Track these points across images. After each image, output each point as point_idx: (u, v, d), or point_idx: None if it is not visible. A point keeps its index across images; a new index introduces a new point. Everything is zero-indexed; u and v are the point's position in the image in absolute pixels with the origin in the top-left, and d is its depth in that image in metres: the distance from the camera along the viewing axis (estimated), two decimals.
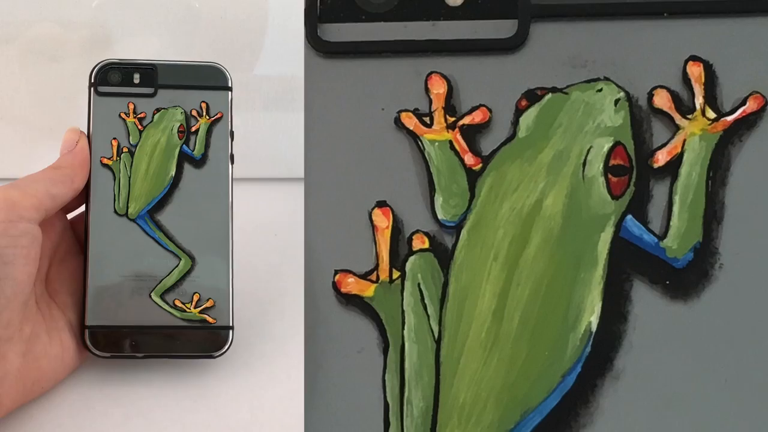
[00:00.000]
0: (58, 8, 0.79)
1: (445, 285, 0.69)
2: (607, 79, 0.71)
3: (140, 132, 0.67)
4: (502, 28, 0.72)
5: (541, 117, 0.70)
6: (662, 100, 0.71)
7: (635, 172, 0.69)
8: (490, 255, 0.69)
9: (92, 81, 0.68)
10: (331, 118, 0.72)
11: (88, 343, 0.66)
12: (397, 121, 0.72)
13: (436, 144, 0.71)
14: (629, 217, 0.69)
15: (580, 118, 0.70)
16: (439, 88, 0.72)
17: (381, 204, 0.71)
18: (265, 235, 0.74)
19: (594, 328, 0.68)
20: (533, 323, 0.68)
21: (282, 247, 0.73)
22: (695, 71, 0.71)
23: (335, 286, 0.70)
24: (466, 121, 0.71)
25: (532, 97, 0.71)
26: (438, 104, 0.72)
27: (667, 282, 0.69)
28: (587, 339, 0.68)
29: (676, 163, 0.70)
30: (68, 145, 0.67)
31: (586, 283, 0.68)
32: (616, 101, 0.70)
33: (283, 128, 0.75)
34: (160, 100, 0.68)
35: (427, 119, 0.71)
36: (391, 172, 0.71)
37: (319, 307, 0.70)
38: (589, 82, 0.71)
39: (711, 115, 0.70)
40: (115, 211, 0.67)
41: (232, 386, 0.67)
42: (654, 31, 0.72)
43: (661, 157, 0.70)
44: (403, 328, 0.69)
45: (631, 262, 0.69)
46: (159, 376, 0.68)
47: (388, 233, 0.70)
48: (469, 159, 0.71)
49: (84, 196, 0.68)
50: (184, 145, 0.68)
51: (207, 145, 0.68)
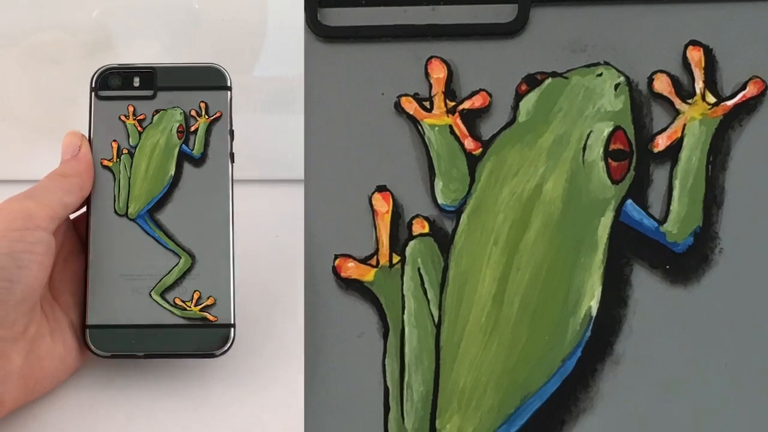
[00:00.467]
0: (60, 12, 0.79)
1: (445, 270, 0.69)
2: (607, 64, 0.71)
3: (140, 133, 0.67)
4: (502, 13, 0.71)
5: (541, 102, 0.70)
6: (662, 85, 0.70)
7: (635, 157, 0.69)
8: (490, 240, 0.68)
9: (93, 86, 0.68)
10: (331, 103, 0.71)
11: (89, 342, 0.65)
12: (397, 106, 0.71)
13: (436, 128, 0.70)
14: (629, 201, 0.69)
15: (580, 103, 0.69)
16: (439, 73, 0.71)
17: (381, 188, 0.70)
18: (267, 236, 0.73)
19: (594, 312, 0.67)
20: (533, 308, 0.67)
21: (284, 248, 0.72)
22: (695, 56, 0.70)
23: (335, 271, 0.69)
24: (466, 105, 0.71)
25: (532, 81, 0.70)
26: (438, 89, 0.71)
27: (667, 266, 0.68)
28: (587, 323, 0.67)
29: (676, 147, 0.69)
30: (70, 149, 0.67)
31: (586, 267, 0.68)
32: (616, 86, 0.70)
33: (284, 129, 0.75)
34: (159, 102, 0.68)
35: (427, 104, 0.71)
36: (391, 156, 0.70)
37: (319, 292, 0.69)
38: (589, 66, 0.71)
39: (711, 99, 0.70)
40: (116, 212, 0.67)
41: (235, 387, 0.67)
42: (654, 15, 0.71)
43: (661, 142, 0.69)
44: (403, 313, 0.68)
45: (631, 247, 0.68)
46: (162, 377, 0.67)
47: (388, 218, 0.70)
48: (469, 143, 0.70)
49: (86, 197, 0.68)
50: (184, 145, 0.67)
51: (206, 144, 0.67)
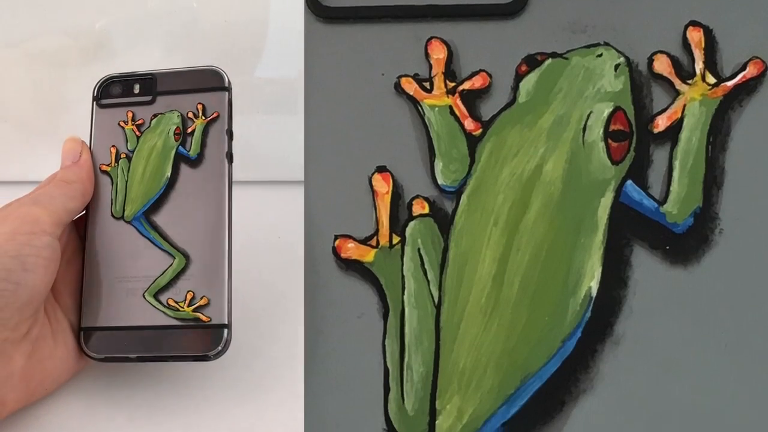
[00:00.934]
0: (63, 16, 0.78)
1: (445, 250, 0.68)
2: (607, 45, 0.70)
3: (138, 138, 0.67)
4: None
5: (541, 82, 0.69)
6: (662, 65, 0.69)
7: (635, 137, 0.68)
8: (490, 220, 0.68)
9: (95, 95, 0.68)
10: (331, 84, 0.71)
11: (83, 345, 0.64)
12: (397, 87, 0.70)
13: (436, 109, 0.70)
14: (629, 182, 0.68)
15: (580, 84, 0.69)
16: (439, 54, 0.71)
17: (381, 169, 0.70)
18: (269, 238, 0.73)
19: (594, 293, 0.67)
20: (533, 288, 0.67)
21: (286, 249, 0.72)
22: (695, 36, 0.70)
23: (335, 251, 0.69)
24: (466, 86, 0.70)
25: (532, 62, 0.70)
26: (438, 69, 0.70)
27: (667, 247, 0.68)
28: (587, 304, 0.67)
29: (676, 128, 0.69)
30: (71, 155, 0.66)
31: (586, 248, 0.67)
32: (616, 66, 0.69)
33: (287, 131, 0.74)
34: (158, 107, 0.67)
35: (427, 84, 0.70)
36: (391, 137, 0.70)
37: (319, 273, 0.69)
38: (589, 47, 0.70)
39: (711, 80, 0.69)
40: (112, 215, 0.66)
41: (236, 388, 0.66)
42: None
43: (661, 122, 0.69)
44: (403, 293, 0.68)
45: (631, 228, 0.68)
46: (163, 378, 0.67)
47: (388, 198, 0.69)
48: (469, 124, 0.69)
49: None
50: (180, 146, 0.66)
51: (203, 145, 0.66)
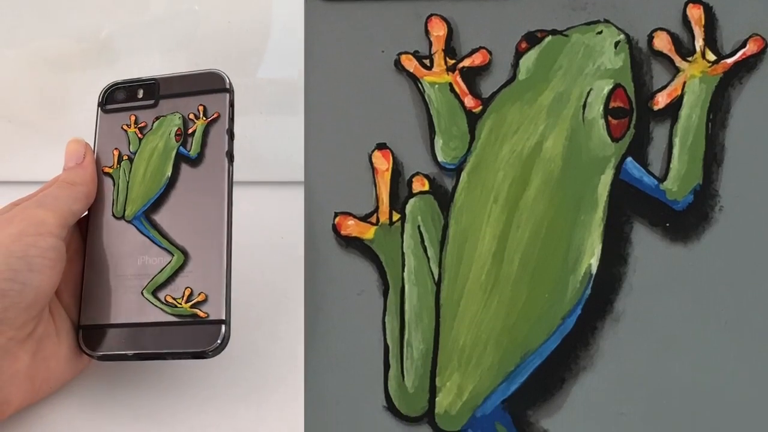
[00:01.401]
0: (67, 19, 0.78)
1: (445, 227, 0.67)
2: (607, 22, 0.69)
3: (140, 140, 0.66)
4: None
5: (541, 59, 0.69)
6: (662, 43, 0.69)
7: (635, 115, 0.68)
8: (490, 197, 0.67)
9: (100, 101, 0.68)
10: (331, 61, 0.70)
11: (81, 342, 0.64)
12: (397, 64, 0.70)
13: (436, 86, 0.69)
14: (629, 159, 0.67)
15: (580, 61, 0.68)
16: (439, 31, 0.70)
17: (381, 146, 0.69)
18: (272, 238, 0.72)
19: (594, 270, 0.66)
20: (533, 265, 0.66)
21: (288, 249, 0.71)
22: (695, 13, 0.69)
23: (335, 229, 0.68)
24: (466, 63, 0.69)
25: (532, 39, 0.69)
26: (438, 47, 0.70)
27: (667, 224, 0.67)
28: (587, 281, 0.66)
29: (676, 105, 0.68)
30: (75, 157, 0.66)
31: (586, 225, 0.67)
32: (616, 44, 0.68)
33: (289, 131, 0.74)
34: (160, 110, 0.67)
35: (427, 61, 0.70)
36: (391, 114, 0.69)
37: (319, 250, 0.68)
38: (589, 24, 0.69)
39: (711, 57, 0.68)
40: (113, 215, 0.66)
41: (240, 387, 0.66)
42: None
43: (661, 100, 0.68)
44: (403, 271, 0.67)
45: (631, 205, 0.67)
46: (168, 377, 0.66)
47: (388, 175, 0.68)
48: (469, 101, 0.69)
49: None
50: (181, 147, 0.66)
51: (203, 145, 0.66)
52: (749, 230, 0.67)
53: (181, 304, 0.63)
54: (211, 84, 0.67)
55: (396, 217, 0.68)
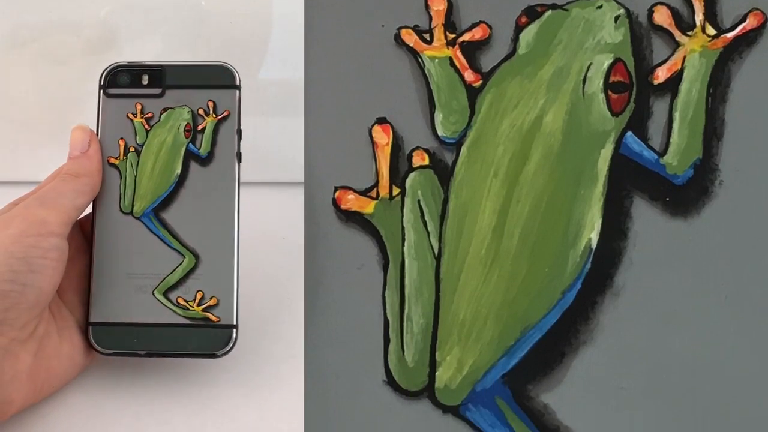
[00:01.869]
0: (66, 12, 0.77)
1: (445, 202, 0.67)
2: None
3: (147, 132, 0.66)
4: None
5: (541, 34, 0.68)
6: (662, 17, 0.68)
7: (635, 89, 0.67)
8: (490, 171, 0.67)
9: (102, 84, 0.66)
10: (331, 35, 0.69)
11: (92, 340, 0.63)
12: (397, 38, 0.69)
13: (436, 61, 0.68)
14: (629, 133, 0.67)
15: (580, 35, 0.67)
16: (439, 5, 0.69)
17: (381, 120, 0.68)
18: (273, 238, 0.72)
19: (594, 244, 0.66)
20: (533, 240, 0.66)
21: (289, 250, 0.71)
22: None
23: (335, 203, 0.68)
24: (466, 37, 0.69)
25: (532, 13, 0.69)
26: (438, 21, 0.69)
27: (667, 199, 0.67)
28: (587, 256, 0.66)
29: (676, 79, 0.67)
30: (79, 145, 0.64)
31: (586, 199, 0.66)
32: (616, 18, 0.68)
33: (291, 132, 0.74)
34: (167, 100, 0.66)
35: (427, 36, 0.69)
36: (390, 88, 0.69)
37: (319, 224, 0.68)
38: None
39: (711, 31, 0.68)
40: (121, 210, 0.65)
41: (241, 387, 0.66)
42: None
43: (661, 74, 0.68)
44: (403, 245, 0.67)
45: (631, 179, 0.67)
46: (169, 377, 0.66)
47: (388, 150, 0.68)
48: (469, 76, 0.68)
49: None
50: (191, 144, 0.65)
51: (213, 144, 0.65)
52: (749, 204, 0.66)
53: (193, 307, 0.64)
54: (220, 79, 0.66)
55: (396, 191, 0.68)
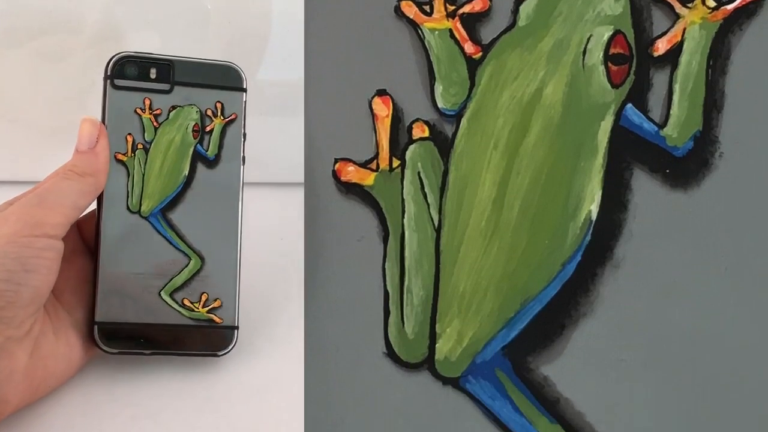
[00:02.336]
0: (65, 10, 0.77)
1: (445, 174, 0.66)
2: None
3: (155, 129, 0.65)
4: None
5: (541, 5, 0.67)
6: None
7: (635, 61, 0.67)
8: (490, 143, 0.66)
9: (108, 73, 0.64)
10: (331, 7, 0.69)
11: (98, 339, 0.63)
12: (397, 10, 0.68)
13: (436, 33, 0.68)
14: (629, 105, 0.66)
15: (580, 7, 0.67)
16: None
17: (381, 92, 0.68)
18: (272, 239, 0.72)
19: (594, 216, 0.65)
20: (533, 212, 0.65)
21: (288, 251, 0.71)
22: None
23: (335, 175, 0.67)
24: (466, 9, 0.68)
25: None
26: None
27: (667, 170, 0.66)
28: (587, 227, 0.65)
29: (676, 51, 0.67)
30: (87, 140, 0.63)
31: (586, 171, 0.66)
32: None
33: (289, 132, 0.73)
34: (175, 98, 0.65)
35: (427, 8, 0.68)
36: (390, 60, 0.68)
37: (319, 196, 0.67)
38: None
39: (711, 3, 0.67)
40: (128, 209, 0.64)
41: (238, 388, 0.65)
42: None
43: (661, 46, 0.67)
44: (403, 217, 0.66)
45: (631, 151, 0.66)
46: (166, 377, 0.65)
47: (388, 122, 0.67)
48: (469, 48, 0.68)
49: None
50: (198, 145, 0.65)
51: (220, 146, 0.65)
52: (749, 176, 0.66)
53: (198, 309, 0.64)
54: (227, 80, 0.66)
55: (396, 163, 0.67)
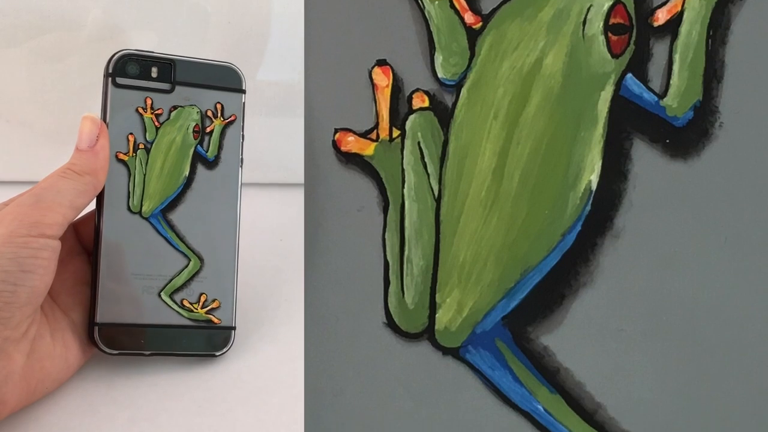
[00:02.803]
0: (64, 10, 0.76)
1: (445, 144, 0.66)
2: None
3: (156, 129, 0.65)
4: None
5: None
6: None
7: (635, 31, 0.66)
8: (490, 113, 0.66)
9: (110, 71, 0.64)
10: None
11: (98, 340, 0.63)
12: None
13: (436, 2, 0.67)
14: (629, 75, 0.66)
15: None
16: None
17: (381, 62, 0.67)
18: (271, 240, 0.72)
19: (594, 186, 0.65)
20: (533, 182, 0.65)
21: (286, 252, 0.71)
22: None
23: (335, 145, 0.67)
24: None
25: None
26: None
27: (667, 141, 0.66)
28: (587, 197, 0.65)
29: (676, 21, 0.66)
30: (87, 138, 0.63)
31: (586, 141, 0.65)
32: None
33: (288, 133, 0.73)
34: (176, 98, 0.65)
35: None
36: (390, 30, 0.67)
37: (319, 166, 0.67)
38: None
39: None
40: (129, 209, 0.64)
41: (237, 389, 0.65)
42: None
43: (661, 16, 0.66)
44: (403, 187, 0.66)
45: (631, 121, 0.66)
46: (164, 378, 0.65)
47: (388, 92, 0.67)
48: (469, 17, 0.67)
49: None
50: (199, 146, 0.65)
51: (220, 147, 0.65)
52: (749, 146, 0.66)
53: (197, 310, 0.64)
54: (227, 81, 0.66)
55: (396, 133, 0.67)
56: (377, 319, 0.66)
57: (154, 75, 0.65)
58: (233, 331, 0.65)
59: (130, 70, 0.64)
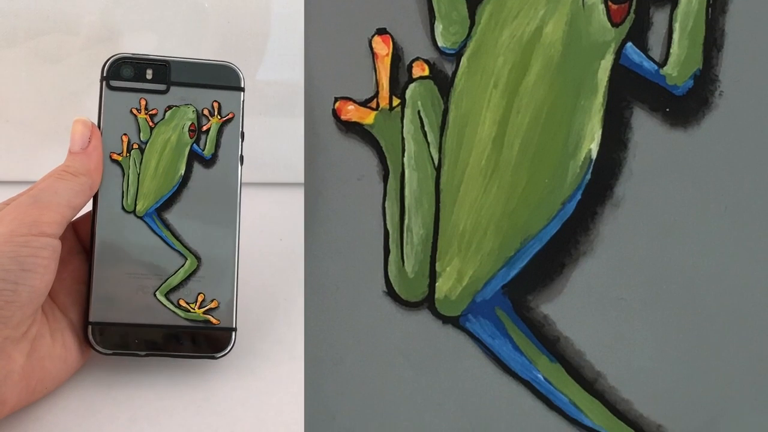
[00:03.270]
0: (63, 10, 0.76)
1: (445, 112, 0.66)
2: None
3: (151, 129, 0.64)
4: None
5: None
6: None
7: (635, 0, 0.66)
8: (490, 82, 0.65)
9: (104, 75, 0.64)
10: None
11: (91, 339, 0.62)
12: None
13: None
14: (629, 44, 0.65)
15: None
16: None
17: (381, 31, 0.67)
18: (270, 239, 0.71)
19: (594, 155, 0.65)
20: (533, 150, 0.64)
21: (286, 251, 0.71)
22: None
23: (335, 114, 0.66)
24: None
25: None
26: None
27: (667, 109, 0.65)
28: (587, 166, 0.65)
29: None
30: (80, 141, 0.63)
31: (586, 110, 0.65)
32: None
33: (288, 133, 0.73)
34: (171, 98, 0.65)
35: None
36: None
37: (319, 135, 0.66)
38: None
39: None
40: (123, 209, 0.64)
41: (237, 389, 0.65)
42: None
43: None
44: (403, 156, 0.66)
45: (631, 90, 0.65)
46: (164, 378, 0.65)
47: (388, 60, 0.66)
48: None
49: None
50: (195, 144, 0.64)
51: (217, 146, 0.65)
52: (749, 115, 0.65)
53: (194, 310, 0.63)
54: (225, 79, 0.65)
55: (396, 102, 0.66)
56: (377, 288, 0.65)
57: (149, 77, 0.65)
58: (234, 333, 0.64)
59: (125, 72, 0.64)
